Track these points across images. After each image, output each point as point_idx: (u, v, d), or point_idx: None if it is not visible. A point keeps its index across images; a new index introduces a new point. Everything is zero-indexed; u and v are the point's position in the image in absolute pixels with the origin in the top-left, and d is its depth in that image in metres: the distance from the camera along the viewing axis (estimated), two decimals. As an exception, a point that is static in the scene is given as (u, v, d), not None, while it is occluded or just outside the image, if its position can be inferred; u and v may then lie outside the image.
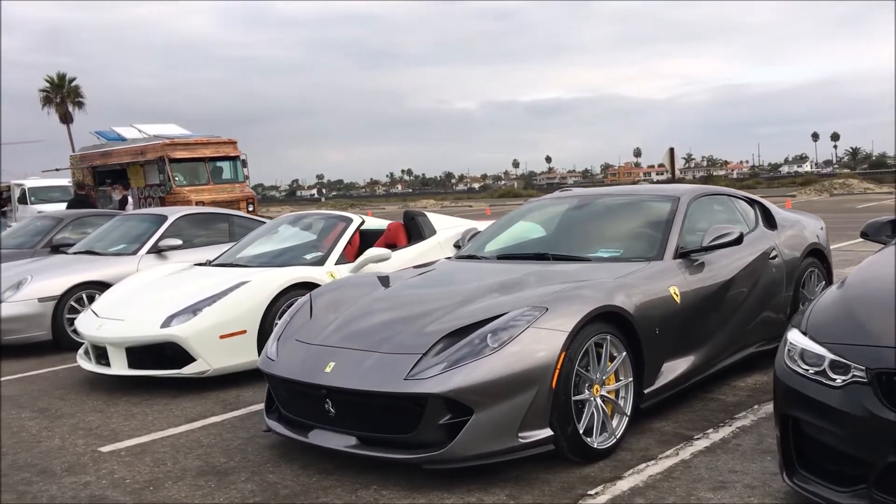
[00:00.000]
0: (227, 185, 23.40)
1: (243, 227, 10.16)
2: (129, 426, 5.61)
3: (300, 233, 8.32)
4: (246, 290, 6.54)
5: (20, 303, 8.17)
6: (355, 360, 4.33)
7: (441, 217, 8.54)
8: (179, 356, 6.38)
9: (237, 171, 23.96)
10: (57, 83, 54.64)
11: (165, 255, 9.21)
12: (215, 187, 22.88)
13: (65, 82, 54.86)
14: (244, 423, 5.51)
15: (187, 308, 6.45)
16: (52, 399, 6.54)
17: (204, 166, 23.08)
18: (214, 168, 23.34)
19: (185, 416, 5.77)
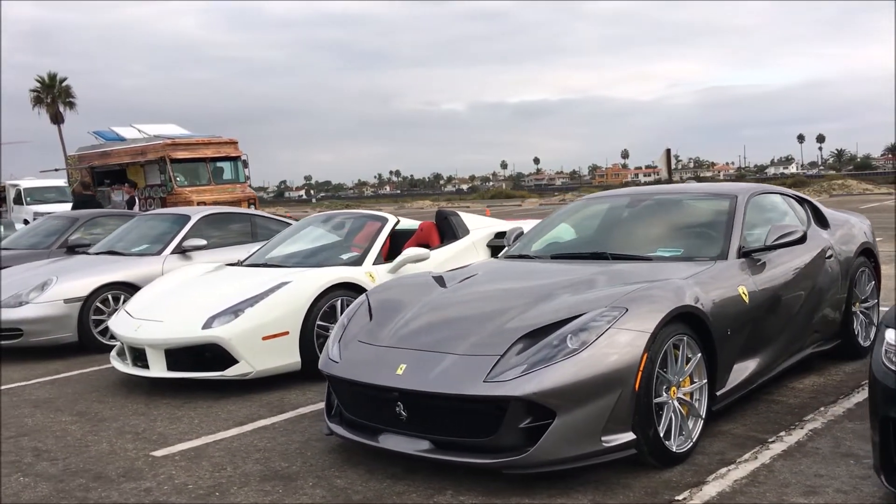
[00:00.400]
0: (229, 185, 23.23)
1: (265, 228, 10.06)
2: (176, 430, 5.50)
3: (331, 233, 8.21)
4: (288, 290, 6.43)
5: (46, 304, 8.02)
6: (428, 361, 4.23)
7: (473, 217, 8.45)
8: (219, 358, 6.27)
9: (238, 172, 23.79)
10: (48, 83, 54.23)
11: (190, 256, 9.08)
12: (216, 188, 22.70)
13: (56, 82, 54.47)
14: (296, 427, 5.40)
15: (228, 309, 6.34)
16: (89, 402, 6.41)
17: (205, 167, 22.90)
18: (215, 168, 23.17)
19: (232, 420, 5.66)
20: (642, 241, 5.47)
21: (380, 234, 7.46)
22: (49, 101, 53.97)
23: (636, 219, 5.79)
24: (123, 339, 6.62)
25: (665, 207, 5.84)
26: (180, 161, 22.26)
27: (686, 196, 5.98)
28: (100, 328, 8.29)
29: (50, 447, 5.29)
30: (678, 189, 6.39)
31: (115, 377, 7.17)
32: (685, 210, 5.74)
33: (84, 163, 24.54)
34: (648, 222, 5.72)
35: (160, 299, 6.99)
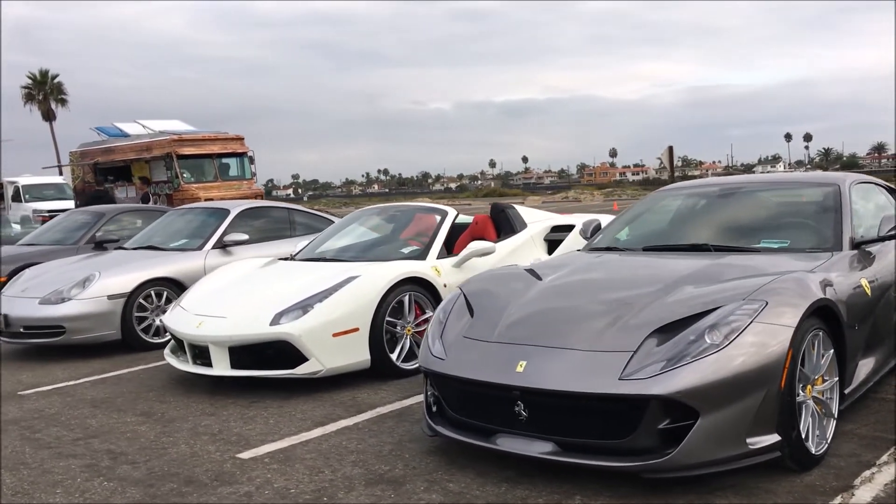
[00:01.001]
0: (235, 182, 22.88)
1: (303, 222, 9.81)
2: (254, 430, 5.24)
3: (383, 226, 7.97)
4: (357, 285, 6.18)
5: (89, 300, 7.73)
6: (551, 357, 4.00)
7: (528, 210, 8.22)
8: (283, 356, 6.01)
9: (244, 168, 23.45)
10: (39, 80, 53.57)
11: (230, 251, 8.81)
12: (223, 184, 22.35)
13: (47, 79, 53.81)
14: (381, 427, 5.16)
15: (296, 305, 6.08)
16: (150, 402, 6.14)
17: (211, 163, 22.55)
18: (221, 165, 22.82)
19: (310, 420, 5.40)
20: (743, 232, 5.25)
21: (441, 228, 7.22)
22: (41, 98, 53.31)
23: (731, 209, 5.57)
24: (184, 336, 6.35)
25: (761, 197, 5.62)
26: (186, 157, 21.89)
27: (782, 185, 5.77)
28: (143, 325, 8.00)
29: (125, 449, 5.03)
30: (771, 178, 6.18)
31: (169, 375, 6.91)
32: (784, 200, 5.52)
33: (87, 159, 24.09)
34: (746, 213, 5.49)
35: (218, 295, 6.72)
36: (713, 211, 5.63)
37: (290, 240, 9.43)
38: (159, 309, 8.12)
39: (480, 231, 7.90)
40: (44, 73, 53.80)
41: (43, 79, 53.62)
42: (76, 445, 5.16)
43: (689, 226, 5.57)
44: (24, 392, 6.69)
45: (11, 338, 8.01)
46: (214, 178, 22.48)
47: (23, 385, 6.95)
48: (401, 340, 6.37)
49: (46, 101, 53.35)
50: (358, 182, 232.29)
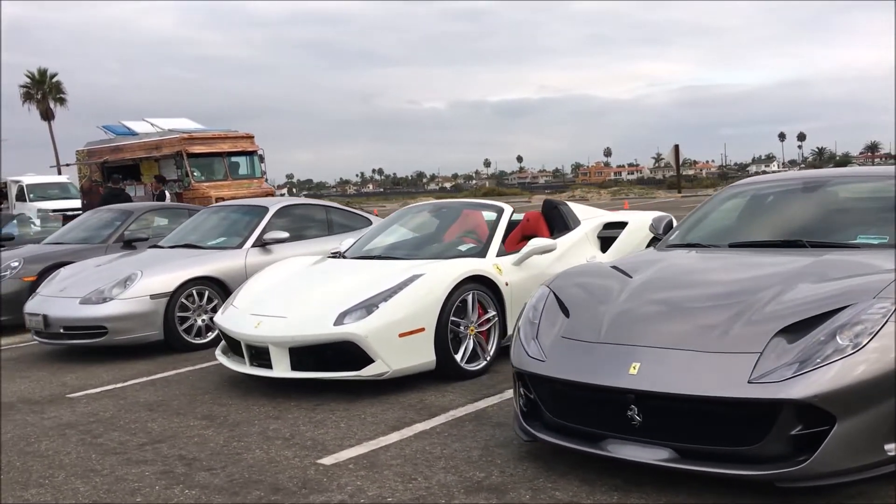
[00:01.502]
0: (245, 180, 22.64)
1: (341, 220, 9.60)
2: (328, 435, 5.03)
3: (433, 223, 7.77)
4: (422, 284, 5.97)
5: (131, 300, 7.51)
6: (667, 359, 3.81)
7: (579, 207, 8.03)
8: (346, 357, 5.81)
9: (255, 167, 23.22)
10: (38, 79, 53.16)
11: (270, 249, 8.60)
12: (233, 183, 22.12)
13: (46, 78, 53.40)
14: (461, 431, 4.95)
15: (360, 304, 5.88)
16: (207, 405, 5.93)
17: (221, 161, 22.32)
18: (231, 163, 22.58)
19: (383, 424, 5.20)
20: (836, 227, 5.05)
21: (499, 225, 7.01)
22: (39, 98, 52.90)
23: (819, 204, 5.36)
24: (241, 337, 6.14)
25: (850, 190, 5.43)
26: (197, 156, 21.66)
27: (870, 178, 5.58)
28: (185, 326, 7.78)
29: (196, 455, 4.82)
30: (857, 172, 5.99)
31: (221, 377, 6.70)
32: (876, 193, 5.32)
33: (94, 158, 23.82)
34: (836, 207, 5.30)
35: (273, 294, 6.51)
36: (799, 206, 5.43)
37: (328, 238, 9.24)
38: (201, 309, 7.91)
39: (532, 228, 7.70)
40: (42, 73, 53.38)
41: (41, 78, 53.19)
42: (143, 451, 4.95)
43: (776, 221, 5.37)
44: (72, 395, 6.47)
45: (51, 339, 7.79)
46: (224, 176, 22.24)
47: (68, 387, 6.74)
48: (464, 341, 6.17)
49: (45, 101, 52.93)
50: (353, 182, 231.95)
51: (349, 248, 7.53)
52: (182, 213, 11.51)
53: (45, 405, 6.20)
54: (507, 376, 6.13)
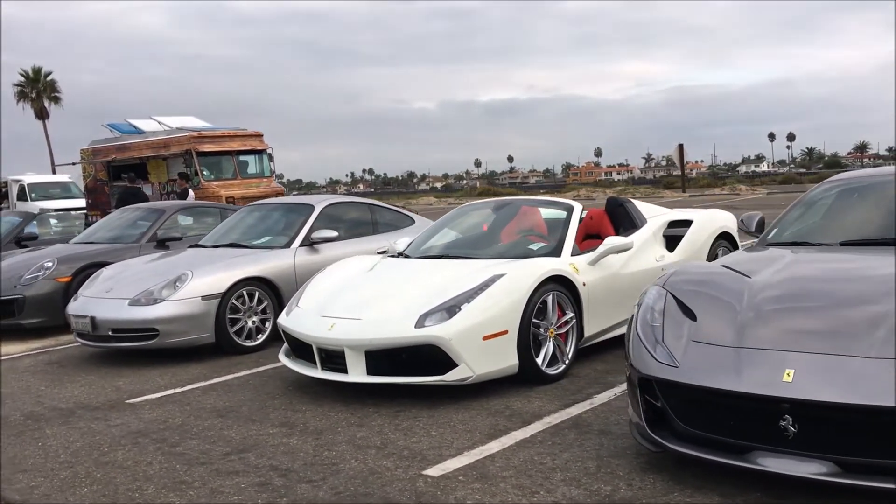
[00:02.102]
0: (255, 179, 22.31)
1: (385, 219, 9.35)
2: (422, 444, 4.79)
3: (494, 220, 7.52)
4: (503, 284, 5.73)
5: (183, 301, 7.23)
6: (827, 366, 3.57)
7: (642, 204, 7.80)
8: (424, 360, 5.57)
9: (263, 165, 22.88)
10: (32, 78, 52.55)
11: (317, 249, 8.34)
12: (243, 182, 21.78)
13: (40, 77, 52.80)
14: (564, 440, 4.71)
15: (441, 306, 5.63)
16: (280, 410, 5.67)
17: (230, 160, 21.98)
18: (240, 162, 22.25)
19: (477, 431, 4.95)
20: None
21: (571, 223, 6.77)
22: (34, 97, 52.31)
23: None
24: (312, 340, 5.88)
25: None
26: (205, 154, 21.31)
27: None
28: (235, 328, 7.51)
29: (289, 465, 4.56)
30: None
31: (283, 381, 6.44)
32: None
33: (100, 157, 23.42)
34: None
35: (341, 295, 6.24)
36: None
37: (373, 237, 9.00)
38: (251, 310, 7.64)
39: (596, 226, 7.47)
40: (36, 71, 52.73)
41: (36, 77, 52.59)
42: (230, 461, 4.69)
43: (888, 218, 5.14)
44: (132, 400, 6.19)
45: (98, 341, 7.50)
46: (234, 175, 21.89)
47: (125, 392, 6.46)
48: (544, 344, 5.92)
49: (39, 100, 52.34)
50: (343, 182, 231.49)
51: (409, 247, 7.28)
52: (211, 212, 11.25)
53: (106, 411, 5.93)
54: (591, 381, 5.92)
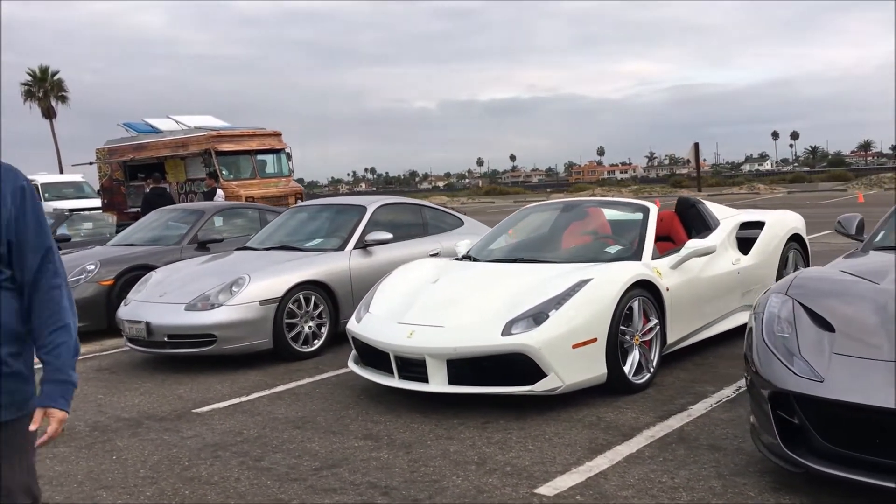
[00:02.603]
0: (273, 179, 22.08)
1: (436, 220, 9.11)
2: (524, 459, 4.55)
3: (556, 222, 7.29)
4: (591, 290, 5.49)
5: (241, 306, 6.98)
6: None
7: (713, 205, 7.56)
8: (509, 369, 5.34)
9: (282, 165, 22.66)
10: (39, 77, 52.23)
11: (370, 251, 8.09)
12: (262, 182, 21.55)
13: (48, 76, 52.47)
14: (675, 455, 4.48)
15: (527, 312, 5.40)
16: (359, 421, 5.43)
17: (249, 159, 21.75)
18: (258, 161, 22.00)
19: (578, 446, 4.72)
20: None
21: (649, 225, 6.53)
22: (41, 96, 52.01)
23: None
24: (389, 348, 5.64)
25: None
26: (224, 154, 21.07)
27: None
28: (293, 333, 7.27)
29: (388, 482, 4.32)
30: None
31: (352, 389, 6.21)
32: None
33: (115, 156, 23.18)
34: None
35: (416, 301, 6.00)
36: None
37: (424, 239, 8.76)
38: (308, 315, 7.40)
39: (666, 228, 7.23)
40: (44, 70, 52.34)
41: (43, 76, 52.27)
42: (323, 477, 4.45)
43: None
44: (198, 410, 5.95)
45: (153, 347, 7.25)
46: (252, 175, 21.67)
47: (188, 401, 6.21)
48: (630, 351, 5.68)
49: (47, 99, 52.03)
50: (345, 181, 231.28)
51: (473, 250, 7.05)
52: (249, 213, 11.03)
53: (175, 422, 5.69)
54: (679, 390, 5.69)
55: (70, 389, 2.46)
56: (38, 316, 2.44)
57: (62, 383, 2.44)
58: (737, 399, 5.41)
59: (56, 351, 2.43)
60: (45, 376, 2.45)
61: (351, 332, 6.14)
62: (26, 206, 2.40)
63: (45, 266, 2.46)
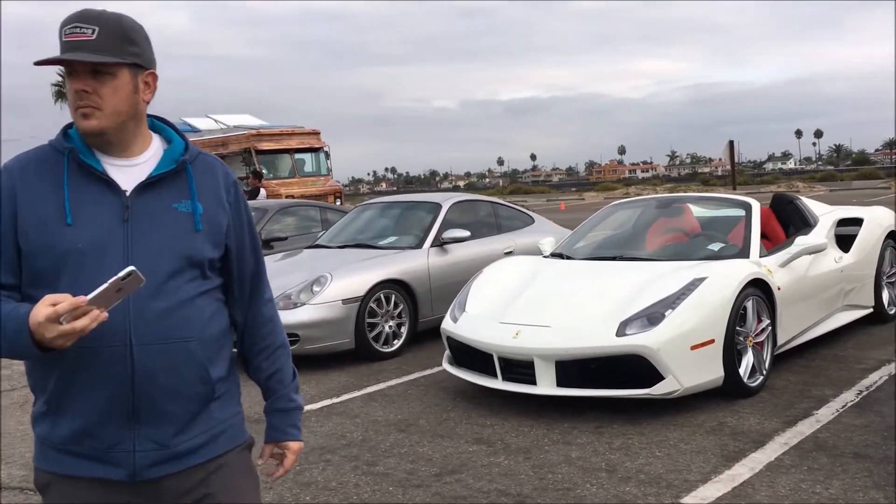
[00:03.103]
0: (312, 177, 21.97)
1: (507, 217, 8.90)
2: (656, 467, 4.33)
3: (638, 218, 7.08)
4: (707, 289, 5.26)
5: (323, 305, 6.80)
6: None
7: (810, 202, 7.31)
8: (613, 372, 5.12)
9: (320, 164, 22.56)
10: (69, 76, 52.30)
11: (447, 249, 7.89)
12: (301, 180, 21.46)
13: (78, 75, 52.50)
14: (818, 464, 4.24)
15: (641, 312, 5.17)
16: (465, 425, 5.22)
17: (288, 158, 21.65)
18: (297, 160, 21.89)
19: (709, 453, 4.49)
20: None
21: (753, 222, 6.29)
22: (72, 95, 52.05)
23: None
24: (493, 348, 5.43)
25: None
26: (264, 152, 20.97)
27: None
28: (374, 333, 7.07)
29: (518, 489, 4.12)
30: None
31: (443, 390, 6.03)
32: None
33: (155, 154, 23.12)
34: None
35: (515, 300, 5.78)
36: None
37: (497, 237, 8.55)
38: (388, 314, 7.20)
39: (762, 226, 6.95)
40: (74, 70, 52.48)
41: (73, 75, 52.30)
42: (447, 484, 4.25)
43: None
44: (291, 412, 5.75)
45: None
46: (291, 173, 21.59)
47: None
48: (744, 353, 5.44)
49: (77, 98, 52.06)
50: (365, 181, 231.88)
51: (562, 247, 6.83)
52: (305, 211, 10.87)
53: (270, 425, 5.49)
54: (796, 394, 5.47)
55: (299, 415, 2.10)
56: (253, 333, 2.06)
57: (290, 411, 2.08)
58: (863, 404, 5.16)
59: (278, 375, 2.07)
60: (269, 405, 2.09)
61: (447, 332, 5.93)
62: (241, 203, 2.00)
63: (259, 275, 2.07)
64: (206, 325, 1.88)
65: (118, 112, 1.80)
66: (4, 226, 1.78)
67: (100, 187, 1.81)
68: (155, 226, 1.82)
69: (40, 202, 1.79)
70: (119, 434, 1.80)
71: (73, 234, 1.77)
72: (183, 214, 1.86)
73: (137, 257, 1.78)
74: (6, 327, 1.67)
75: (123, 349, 1.76)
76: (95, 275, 1.70)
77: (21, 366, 7.78)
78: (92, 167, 1.82)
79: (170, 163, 1.88)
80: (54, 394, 1.80)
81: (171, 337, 1.80)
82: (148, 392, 1.78)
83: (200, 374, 1.85)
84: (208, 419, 1.90)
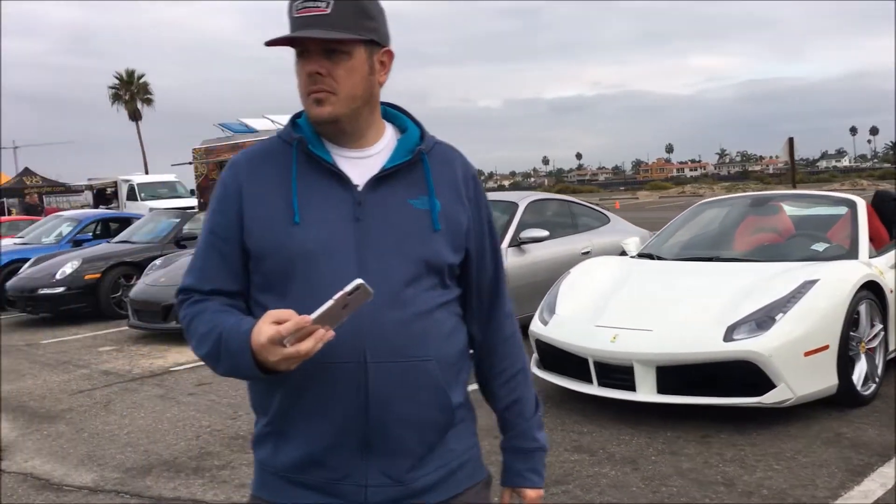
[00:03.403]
0: (360, 176, 21.85)
1: (583, 216, 8.66)
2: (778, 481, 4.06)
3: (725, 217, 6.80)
4: (820, 292, 4.97)
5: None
6: None
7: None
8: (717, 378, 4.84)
9: (374, 163, 22.43)
10: (126, 80, 53.26)
11: (524, 249, 7.66)
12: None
13: (133, 79, 53.46)
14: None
15: (749, 316, 4.89)
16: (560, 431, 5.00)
17: (344, 157, 21.57)
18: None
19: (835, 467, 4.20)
20: None
21: (860, 220, 5.96)
22: (127, 98, 53.03)
23: None
24: (589, 352, 5.19)
25: None
26: (320, 152, 20.93)
27: None
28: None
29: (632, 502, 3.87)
30: None
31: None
32: None
33: (212, 156, 23.26)
34: None
35: (609, 302, 5.53)
36: None
37: (574, 236, 8.31)
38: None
39: (863, 225, 6.62)
40: (130, 74, 53.31)
41: (129, 79, 53.27)
42: (552, 494, 4.04)
43: None
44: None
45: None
46: (341, 173, 21.47)
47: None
48: (857, 360, 5.13)
49: (133, 101, 53.05)
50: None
51: (651, 247, 6.58)
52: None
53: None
54: (913, 402, 5.12)
55: (542, 457, 1.78)
56: (491, 353, 1.76)
57: (530, 453, 1.77)
58: None
59: (517, 407, 1.77)
60: (506, 440, 1.79)
61: (537, 335, 5.71)
62: (481, 199, 1.72)
63: (499, 284, 1.77)
64: (445, 342, 1.62)
65: (353, 96, 1.57)
66: (230, 226, 1.60)
67: (329, 181, 1.59)
68: (389, 225, 1.58)
69: (267, 198, 1.58)
70: (350, 464, 1.57)
71: (302, 233, 1.56)
72: (420, 212, 1.60)
73: (370, 260, 1.55)
74: (228, 345, 1.48)
75: (357, 367, 1.53)
76: (328, 279, 1.50)
77: (100, 364, 7.80)
78: (322, 159, 1.60)
79: (405, 153, 1.64)
80: (278, 414, 1.60)
81: (408, 355, 1.56)
82: (382, 417, 1.55)
83: (440, 399, 1.60)
84: (445, 452, 1.64)
